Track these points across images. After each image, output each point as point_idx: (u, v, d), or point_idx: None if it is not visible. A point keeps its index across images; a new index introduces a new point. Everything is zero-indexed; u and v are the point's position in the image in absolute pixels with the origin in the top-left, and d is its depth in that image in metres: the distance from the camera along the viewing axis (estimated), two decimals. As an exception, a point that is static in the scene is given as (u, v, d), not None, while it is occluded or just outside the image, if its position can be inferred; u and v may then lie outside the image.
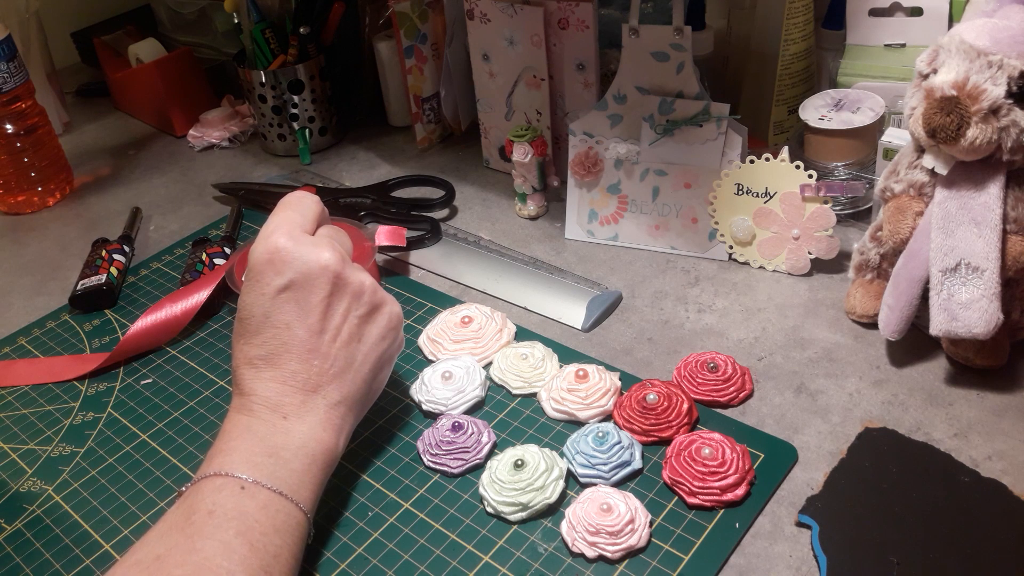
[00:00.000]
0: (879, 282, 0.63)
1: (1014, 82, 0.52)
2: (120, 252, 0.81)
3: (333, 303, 0.53)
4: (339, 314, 0.53)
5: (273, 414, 0.51)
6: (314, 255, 0.52)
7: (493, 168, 0.91)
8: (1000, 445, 0.53)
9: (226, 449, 0.49)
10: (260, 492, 0.47)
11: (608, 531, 0.49)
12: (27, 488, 0.59)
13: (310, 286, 0.52)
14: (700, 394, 0.59)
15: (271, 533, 0.46)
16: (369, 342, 0.55)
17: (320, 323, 0.52)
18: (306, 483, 0.50)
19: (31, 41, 1.07)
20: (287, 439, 0.50)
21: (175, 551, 0.44)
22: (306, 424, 0.51)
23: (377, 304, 0.55)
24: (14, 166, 0.93)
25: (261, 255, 0.52)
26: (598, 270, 0.74)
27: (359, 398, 0.54)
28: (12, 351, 0.73)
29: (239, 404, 0.52)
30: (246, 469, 0.48)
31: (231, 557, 0.44)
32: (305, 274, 0.52)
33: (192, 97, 1.07)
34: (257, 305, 0.52)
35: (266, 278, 0.52)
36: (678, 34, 0.69)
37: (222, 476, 0.47)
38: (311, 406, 0.52)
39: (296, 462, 0.50)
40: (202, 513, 0.45)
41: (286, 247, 0.52)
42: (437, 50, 0.92)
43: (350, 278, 0.54)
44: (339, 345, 0.53)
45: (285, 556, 0.46)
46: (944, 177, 0.56)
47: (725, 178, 0.70)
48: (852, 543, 0.48)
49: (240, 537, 0.45)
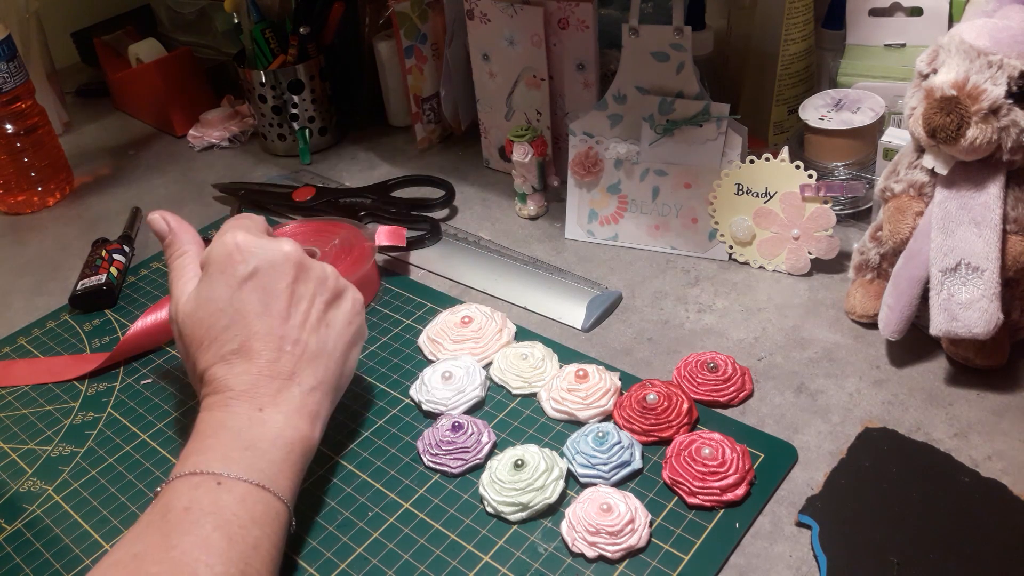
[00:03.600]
0: (879, 282, 0.63)
1: (1014, 82, 0.52)
2: (120, 252, 0.81)
3: (298, 289, 0.54)
4: (305, 299, 0.54)
5: (249, 407, 0.50)
6: (274, 245, 0.54)
7: (493, 168, 0.91)
8: (1000, 445, 0.53)
9: (201, 448, 0.49)
10: (237, 485, 0.47)
11: (608, 531, 0.49)
12: (27, 488, 0.59)
13: (274, 273, 0.53)
14: (700, 394, 0.59)
15: (249, 525, 0.46)
16: (337, 327, 0.55)
17: (287, 309, 0.53)
18: (284, 472, 0.49)
19: (31, 41, 1.07)
20: (264, 430, 0.50)
21: (152, 549, 0.44)
22: (282, 413, 0.51)
23: (339, 290, 0.57)
24: (14, 166, 0.93)
25: (220, 251, 0.53)
26: (598, 270, 0.74)
27: (332, 383, 0.55)
28: (12, 351, 0.73)
29: (211, 402, 0.51)
30: (222, 465, 0.47)
31: (209, 551, 0.44)
32: (269, 261, 0.53)
33: (192, 97, 1.07)
34: (224, 298, 0.52)
35: (230, 269, 0.52)
36: (678, 34, 0.69)
37: (198, 474, 0.47)
38: (287, 395, 0.52)
39: (274, 452, 0.49)
40: (178, 510, 0.45)
41: (246, 240, 0.53)
42: (437, 50, 0.92)
43: (312, 265, 0.55)
44: (308, 330, 0.53)
45: (265, 546, 0.46)
46: (944, 177, 0.56)
47: (725, 178, 0.70)
48: (852, 543, 0.48)
49: (218, 531, 0.45)
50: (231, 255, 0.53)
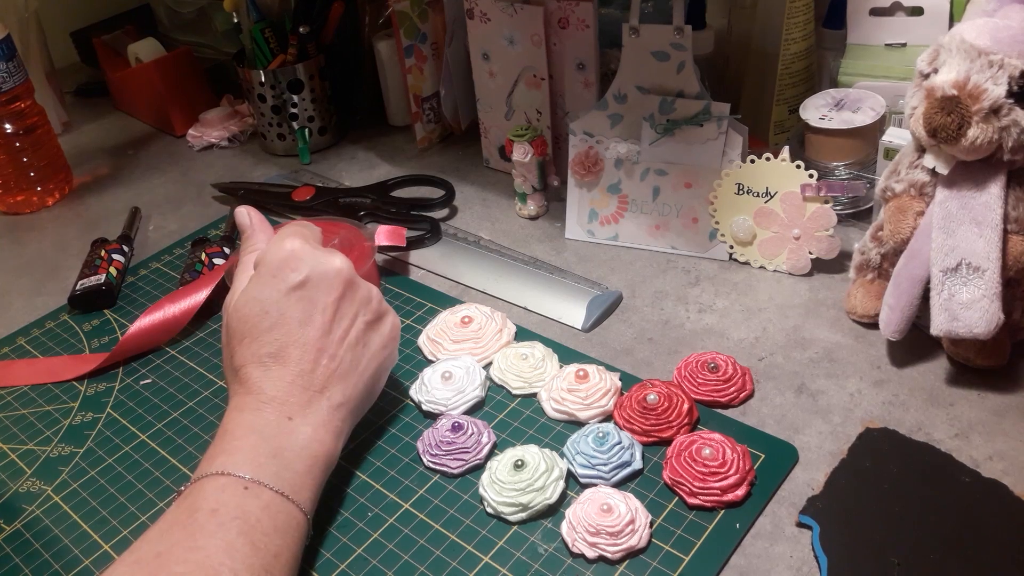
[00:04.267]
0: (880, 282, 0.63)
1: (1015, 82, 0.52)
2: (119, 252, 0.81)
3: (343, 305, 0.54)
4: (348, 317, 0.55)
5: (279, 414, 0.51)
6: (328, 258, 0.55)
7: (493, 168, 0.91)
8: (1001, 445, 0.53)
9: (229, 449, 0.49)
10: (263, 492, 0.47)
11: (608, 532, 0.49)
12: (26, 488, 0.59)
13: (323, 286, 0.54)
14: (700, 394, 0.59)
15: (272, 533, 0.46)
16: (372, 348, 0.56)
17: (330, 323, 0.54)
18: (307, 484, 0.50)
19: (30, 41, 1.07)
20: (291, 440, 0.50)
21: (176, 548, 0.44)
22: (310, 425, 0.51)
23: (382, 313, 0.57)
24: (13, 166, 0.93)
25: (276, 254, 0.54)
26: (598, 270, 0.74)
27: (359, 402, 0.55)
28: (11, 351, 0.73)
29: (243, 403, 0.51)
30: (250, 469, 0.48)
31: (233, 556, 0.44)
32: (320, 273, 0.54)
33: (191, 97, 1.07)
34: (272, 301, 0.53)
35: (282, 274, 0.53)
36: (678, 33, 0.69)
37: (225, 475, 0.47)
38: (315, 407, 0.52)
39: (299, 463, 0.50)
40: (204, 511, 0.45)
41: (302, 249, 0.54)
42: (437, 50, 0.91)
43: (360, 284, 0.56)
44: (346, 347, 0.54)
45: (286, 556, 0.47)
46: (945, 177, 0.56)
47: (726, 178, 0.69)
48: (853, 543, 0.48)
49: (242, 536, 0.45)
50: (286, 261, 0.53)
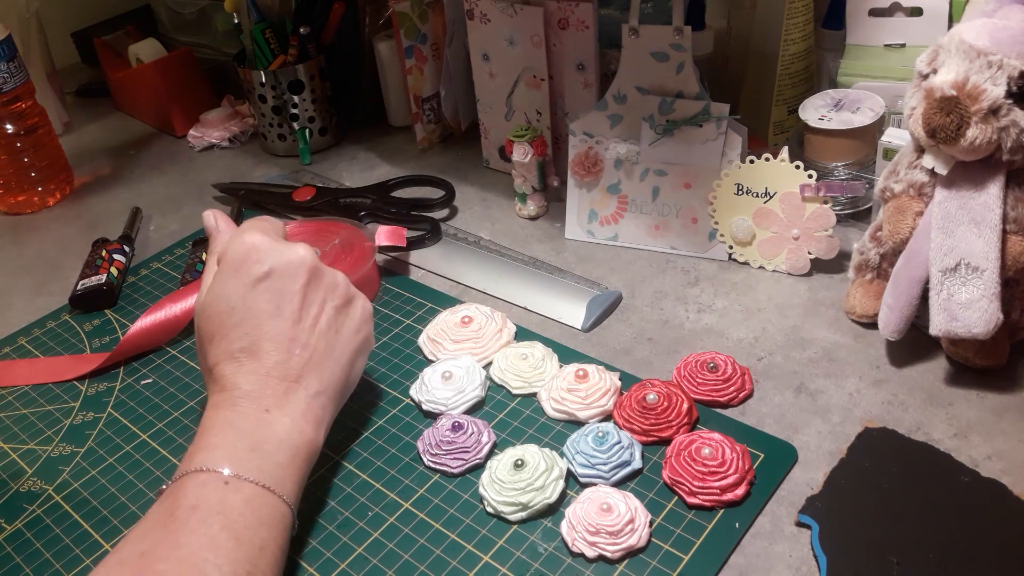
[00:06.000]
0: (879, 282, 0.63)
1: (1014, 82, 0.52)
2: (120, 252, 0.81)
3: (310, 293, 0.54)
4: (316, 303, 0.54)
5: (256, 407, 0.51)
6: (289, 248, 0.55)
7: (493, 168, 0.91)
8: (1000, 445, 0.53)
9: (208, 446, 0.49)
10: (244, 486, 0.47)
11: (608, 531, 0.49)
12: (27, 488, 0.59)
13: (288, 275, 0.54)
14: (700, 394, 0.59)
15: (256, 526, 0.46)
16: (345, 333, 0.56)
17: (299, 311, 0.53)
18: (290, 475, 0.50)
19: (31, 41, 1.07)
20: (270, 432, 0.50)
21: (159, 547, 0.44)
22: (288, 416, 0.51)
23: (350, 297, 0.57)
24: (14, 166, 0.93)
25: (237, 249, 0.54)
26: (598, 270, 0.74)
27: (338, 388, 0.55)
28: (12, 351, 0.73)
29: (219, 400, 0.51)
30: (229, 464, 0.48)
31: (216, 551, 0.44)
32: (284, 264, 0.54)
33: (192, 97, 1.07)
34: (237, 296, 0.53)
35: (244, 268, 0.53)
36: (678, 34, 0.69)
37: (205, 472, 0.47)
38: (293, 397, 0.52)
39: (279, 454, 0.50)
40: (185, 508, 0.45)
41: (263, 241, 0.54)
42: (437, 50, 0.92)
43: (324, 271, 0.56)
44: (318, 334, 0.54)
45: (271, 548, 0.46)
46: (944, 177, 0.56)
47: (725, 178, 0.70)
48: (852, 543, 0.48)
49: (225, 531, 0.45)
50: (247, 254, 0.53)
